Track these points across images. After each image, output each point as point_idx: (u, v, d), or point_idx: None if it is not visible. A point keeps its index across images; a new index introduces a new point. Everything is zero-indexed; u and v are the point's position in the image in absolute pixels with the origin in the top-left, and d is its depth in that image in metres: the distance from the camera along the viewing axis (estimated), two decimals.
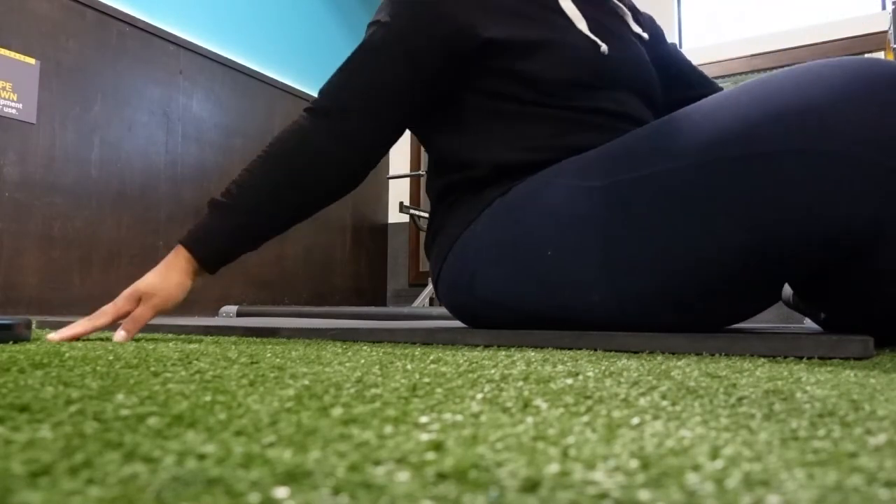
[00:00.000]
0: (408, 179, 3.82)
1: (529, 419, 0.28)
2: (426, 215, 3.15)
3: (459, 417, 0.29)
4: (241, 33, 2.93)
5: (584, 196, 0.79)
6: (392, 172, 3.73)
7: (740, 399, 0.34)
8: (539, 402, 0.33)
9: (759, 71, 3.05)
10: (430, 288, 3.00)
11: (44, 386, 0.37)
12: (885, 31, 2.55)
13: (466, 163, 0.92)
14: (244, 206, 0.87)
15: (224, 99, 2.83)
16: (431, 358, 0.57)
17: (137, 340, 0.82)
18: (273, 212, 0.88)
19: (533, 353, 0.63)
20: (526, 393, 0.36)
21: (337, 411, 0.30)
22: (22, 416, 0.28)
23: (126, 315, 0.82)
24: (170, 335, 0.91)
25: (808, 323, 1.73)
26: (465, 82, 0.92)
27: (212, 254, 0.85)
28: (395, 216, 3.82)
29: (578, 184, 0.81)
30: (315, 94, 1.03)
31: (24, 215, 2.08)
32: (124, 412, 0.29)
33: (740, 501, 0.17)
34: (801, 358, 0.60)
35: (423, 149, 4.01)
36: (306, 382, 0.40)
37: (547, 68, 0.89)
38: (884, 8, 2.79)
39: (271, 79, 3.04)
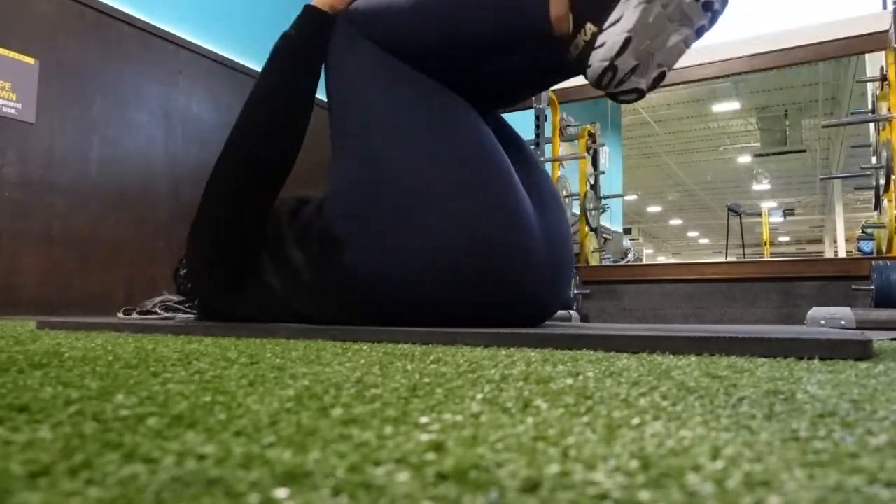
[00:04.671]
0: None
1: (529, 419, 0.28)
2: None
3: (459, 418, 0.29)
4: (240, 33, 2.93)
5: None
6: None
7: (741, 399, 0.34)
8: (539, 402, 0.33)
9: (758, 71, 3.04)
10: None
11: (43, 386, 0.37)
12: (886, 31, 2.55)
13: None
14: None
15: (224, 99, 2.83)
16: (431, 358, 0.57)
17: (137, 340, 0.82)
18: None
19: (533, 353, 0.63)
20: (526, 393, 0.36)
21: (337, 411, 0.30)
22: (21, 416, 0.28)
23: None
24: (169, 335, 0.91)
25: (809, 324, 1.73)
26: None
27: None
28: None
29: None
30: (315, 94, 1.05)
31: (24, 215, 2.08)
32: (124, 413, 0.29)
33: (741, 502, 0.17)
34: (801, 358, 0.60)
35: None
36: (306, 383, 0.40)
37: None
38: (885, 8, 2.79)
39: None
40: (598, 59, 0.86)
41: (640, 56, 0.85)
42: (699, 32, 0.88)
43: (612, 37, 0.84)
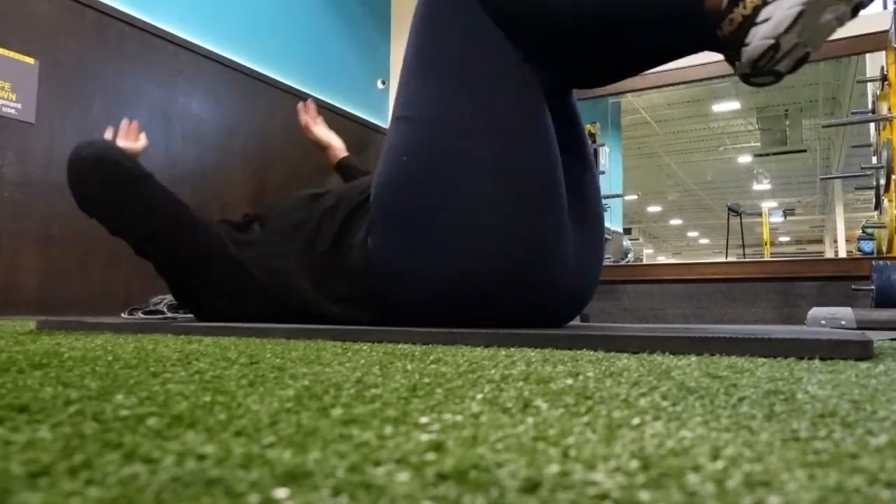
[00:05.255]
0: None
1: (530, 419, 0.28)
2: None
3: (459, 418, 0.28)
4: (241, 33, 2.93)
5: None
6: None
7: (741, 399, 0.34)
8: (539, 402, 0.33)
9: None
10: None
11: (43, 386, 0.37)
12: (886, 31, 2.55)
13: None
14: None
15: (224, 99, 2.83)
16: (431, 358, 0.57)
17: (137, 340, 0.82)
18: None
19: (533, 353, 0.63)
20: (526, 393, 0.36)
21: (337, 412, 0.30)
22: (21, 416, 0.28)
23: None
24: (169, 335, 0.91)
25: (809, 324, 1.73)
26: None
27: None
28: None
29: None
30: (315, 94, 1.04)
31: (24, 215, 2.08)
32: (124, 413, 0.29)
33: (741, 502, 0.17)
34: (801, 358, 0.60)
35: None
36: (306, 383, 0.40)
37: None
38: (885, 7, 2.79)
39: (271, 79, 3.04)
40: (759, 37, 0.77)
41: (801, 34, 0.76)
42: (856, 10, 0.79)
43: (781, 10, 0.75)
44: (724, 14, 0.80)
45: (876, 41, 2.67)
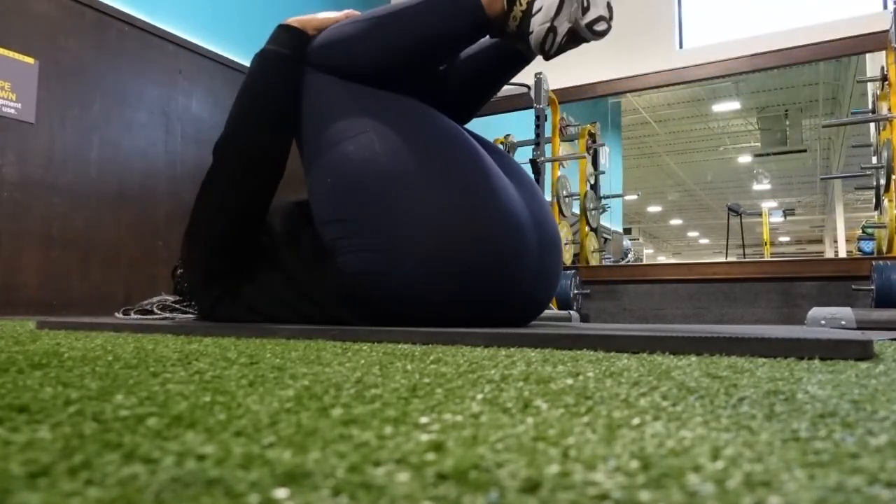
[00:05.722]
0: None
1: (530, 420, 0.28)
2: None
3: (459, 418, 0.28)
4: (240, 33, 2.93)
5: None
6: None
7: (741, 399, 0.34)
8: (539, 402, 0.33)
9: (759, 70, 3.04)
10: None
11: (43, 386, 0.37)
12: (886, 31, 2.55)
13: None
14: None
15: (223, 99, 2.83)
16: (431, 358, 0.57)
17: (137, 340, 0.82)
18: None
19: (533, 354, 0.63)
20: (526, 393, 0.36)
21: (337, 412, 0.30)
22: (21, 416, 0.28)
23: None
24: (169, 335, 0.91)
25: (810, 324, 1.73)
26: None
27: None
28: None
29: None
30: None
31: (24, 215, 2.08)
32: (123, 413, 0.29)
33: (741, 502, 0.17)
34: (801, 358, 0.60)
35: None
36: (306, 383, 0.40)
37: None
38: (885, 7, 2.79)
39: None
40: (538, 24, 0.92)
41: (572, 17, 0.92)
42: None
43: (546, 0, 0.92)
44: (507, 14, 0.95)
45: (876, 41, 2.67)
